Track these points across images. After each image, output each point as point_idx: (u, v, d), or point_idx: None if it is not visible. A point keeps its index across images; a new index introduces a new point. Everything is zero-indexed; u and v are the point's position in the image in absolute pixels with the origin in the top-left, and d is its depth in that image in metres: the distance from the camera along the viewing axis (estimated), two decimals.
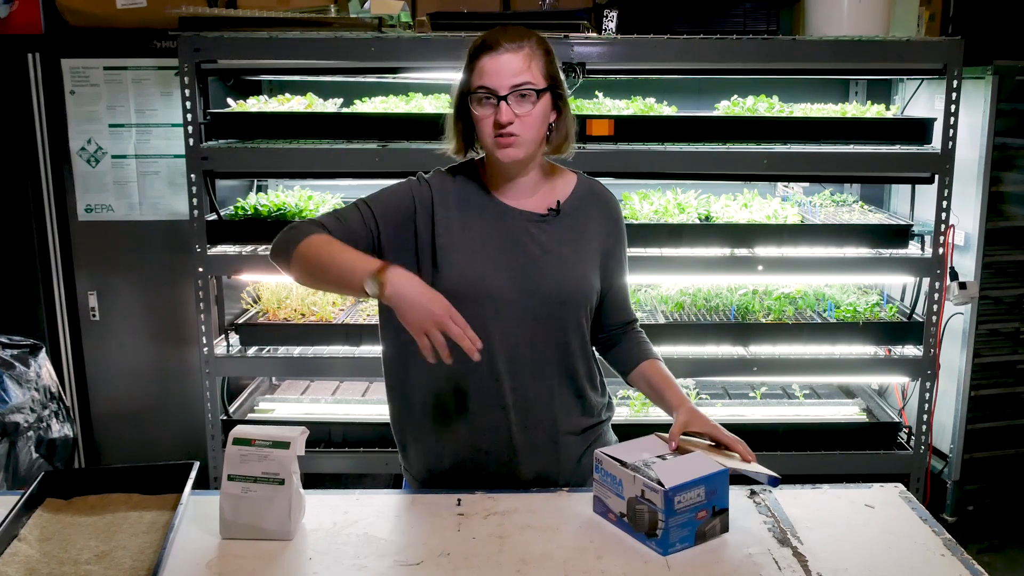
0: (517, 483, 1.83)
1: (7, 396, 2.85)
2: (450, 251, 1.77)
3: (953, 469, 3.33)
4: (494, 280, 1.77)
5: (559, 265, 1.80)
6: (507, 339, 1.78)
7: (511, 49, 1.70)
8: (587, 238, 1.85)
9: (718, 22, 3.01)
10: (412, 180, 1.86)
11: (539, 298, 1.78)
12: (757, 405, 3.29)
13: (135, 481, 1.76)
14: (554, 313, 1.80)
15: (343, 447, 3.12)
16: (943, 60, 2.87)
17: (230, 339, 3.11)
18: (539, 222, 1.82)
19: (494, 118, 1.71)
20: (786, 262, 3.00)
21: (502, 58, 1.70)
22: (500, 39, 1.71)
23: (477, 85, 1.71)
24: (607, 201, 1.91)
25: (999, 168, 3.18)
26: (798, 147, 3.00)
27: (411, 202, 1.81)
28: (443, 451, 1.86)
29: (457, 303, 1.64)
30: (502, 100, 1.70)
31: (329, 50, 2.89)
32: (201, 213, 2.96)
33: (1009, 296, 3.33)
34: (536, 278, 1.78)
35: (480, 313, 1.74)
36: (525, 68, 1.71)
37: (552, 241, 1.81)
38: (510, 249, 1.79)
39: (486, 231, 1.79)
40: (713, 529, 1.60)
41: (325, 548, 1.60)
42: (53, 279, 3.38)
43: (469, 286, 1.76)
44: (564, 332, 1.82)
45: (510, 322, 1.77)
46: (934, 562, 1.56)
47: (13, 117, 3.27)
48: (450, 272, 1.77)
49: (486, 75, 1.70)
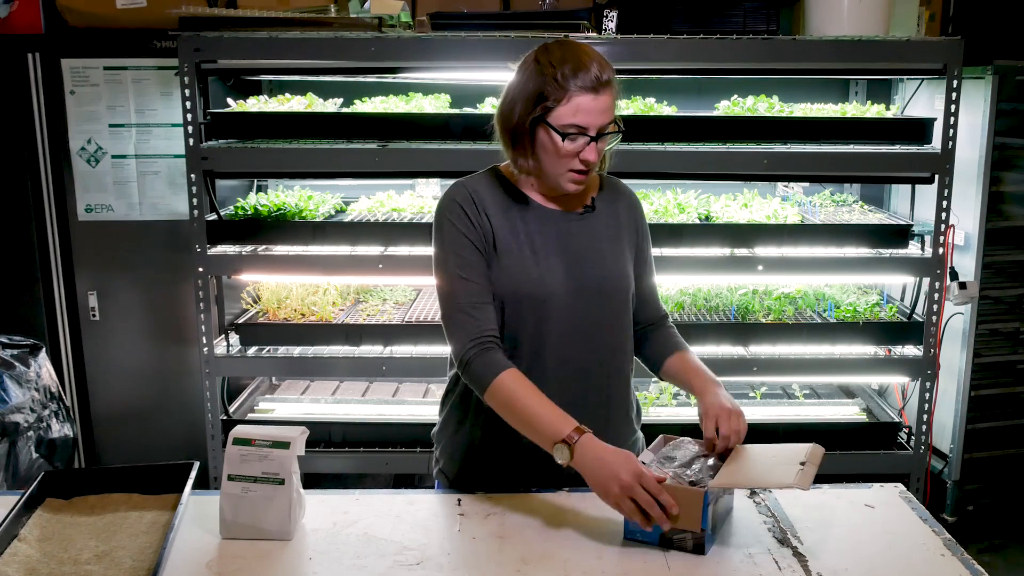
0: (563, 482, 1.80)
1: (7, 396, 2.85)
2: (505, 256, 1.77)
3: (953, 469, 3.33)
4: (548, 282, 1.77)
5: (601, 261, 1.82)
6: (558, 344, 1.78)
7: (606, 88, 1.68)
8: (620, 232, 1.87)
9: (718, 22, 3.02)
10: (454, 197, 1.80)
11: (587, 295, 1.79)
12: (757, 405, 3.29)
13: (135, 481, 1.76)
14: (601, 310, 1.81)
15: (343, 447, 3.12)
16: (943, 60, 2.87)
17: (230, 339, 3.11)
18: (578, 221, 1.83)
19: (579, 156, 1.70)
20: (786, 262, 3.00)
21: (601, 98, 1.68)
22: (595, 76, 1.67)
23: (569, 122, 1.68)
24: (630, 196, 1.94)
25: (999, 168, 3.18)
26: (798, 147, 3.00)
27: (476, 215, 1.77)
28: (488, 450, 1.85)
29: (514, 308, 1.72)
30: (593, 140, 1.69)
31: (329, 50, 2.89)
32: (201, 213, 2.96)
33: (1009, 296, 3.33)
34: (582, 275, 1.79)
35: (535, 318, 1.77)
36: (611, 105, 1.71)
37: (592, 238, 1.82)
38: (556, 250, 1.79)
39: (531, 234, 1.79)
40: (683, 541, 1.57)
41: (325, 548, 1.60)
42: (53, 279, 3.38)
43: (527, 292, 1.76)
44: (611, 331, 1.83)
45: (561, 324, 1.78)
46: (934, 562, 1.56)
47: (13, 117, 3.27)
48: (506, 277, 1.77)
49: (582, 114, 1.67)
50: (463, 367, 1.74)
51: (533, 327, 1.77)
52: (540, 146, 1.72)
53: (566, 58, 1.68)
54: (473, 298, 1.74)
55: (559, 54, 1.69)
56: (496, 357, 1.72)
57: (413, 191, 3.50)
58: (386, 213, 3.27)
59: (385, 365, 3.04)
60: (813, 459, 1.61)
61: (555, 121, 1.68)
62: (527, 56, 1.74)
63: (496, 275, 1.77)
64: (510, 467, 1.82)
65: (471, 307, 1.74)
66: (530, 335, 1.77)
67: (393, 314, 3.22)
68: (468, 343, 1.73)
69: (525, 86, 1.70)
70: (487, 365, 1.71)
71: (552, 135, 1.69)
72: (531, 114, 1.69)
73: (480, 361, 1.72)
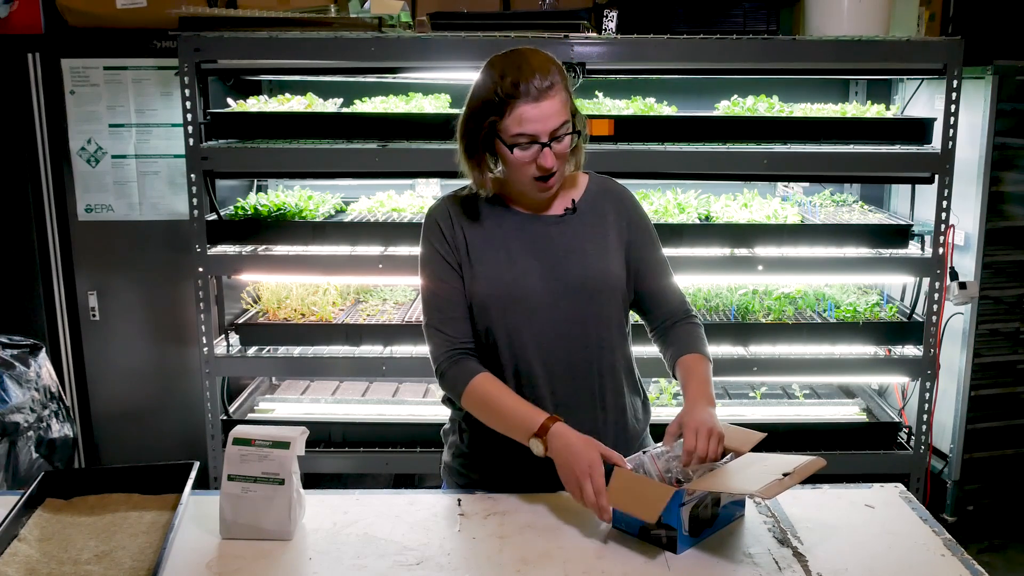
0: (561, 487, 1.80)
1: (7, 396, 2.85)
2: (480, 264, 1.79)
3: (953, 469, 3.33)
4: (523, 284, 1.78)
5: (582, 261, 1.81)
6: (542, 344, 1.79)
7: (548, 94, 1.67)
8: (605, 231, 1.86)
9: (718, 22, 3.01)
10: (433, 214, 1.86)
11: (568, 296, 1.79)
12: (757, 405, 3.29)
13: (135, 481, 1.76)
14: (585, 310, 1.81)
15: (343, 447, 3.12)
16: (943, 60, 2.87)
17: (230, 339, 3.11)
18: (558, 223, 1.83)
19: (535, 163, 1.70)
20: (786, 262, 3.00)
21: (543, 105, 1.67)
22: (536, 85, 1.66)
23: (516, 132, 1.68)
24: (619, 194, 1.92)
25: (999, 168, 3.18)
26: (798, 147, 2.99)
27: (449, 231, 1.82)
28: (485, 455, 1.87)
29: (492, 312, 1.75)
30: (545, 147, 1.69)
31: (329, 50, 2.89)
32: (201, 213, 2.96)
33: (1009, 296, 3.33)
34: (563, 276, 1.79)
35: (514, 321, 1.78)
36: (560, 108, 1.70)
37: (573, 239, 1.82)
38: (534, 252, 1.80)
39: (509, 239, 1.81)
40: (659, 537, 1.57)
41: (325, 548, 1.60)
42: (53, 279, 3.38)
43: (502, 295, 1.78)
44: (597, 329, 1.82)
45: (544, 324, 1.79)
46: (934, 562, 1.56)
47: (13, 117, 3.27)
48: (481, 283, 1.79)
49: (527, 122, 1.67)
50: (440, 379, 1.82)
51: (514, 329, 1.79)
52: (502, 158, 1.74)
53: (506, 71, 1.68)
54: (444, 313, 1.81)
55: (500, 66, 1.70)
56: (467, 364, 1.79)
57: (413, 191, 3.50)
58: (386, 213, 3.27)
59: (385, 365, 3.04)
60: (801, 471, 1.59)
61: (503, 134, 1.70)
62: (481, 68, 1.75)
63: (472, 283, 1.80)
64: (516, 467, 1.82)
65: (441, 323, 1.81)
66: (512, 337, 1.79)
67: (393, 314, 3.22)
68: (440, 356, 1.81)
69: (473, 104, 1.73)
70: (459, 373, 1.78)
71: (502, 148, 1.71)
72: (481, 132, 1.71)
73: (453, 371, 1.79)
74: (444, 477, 1.97)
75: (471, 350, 1.82)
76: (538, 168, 1.71)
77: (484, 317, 1.80)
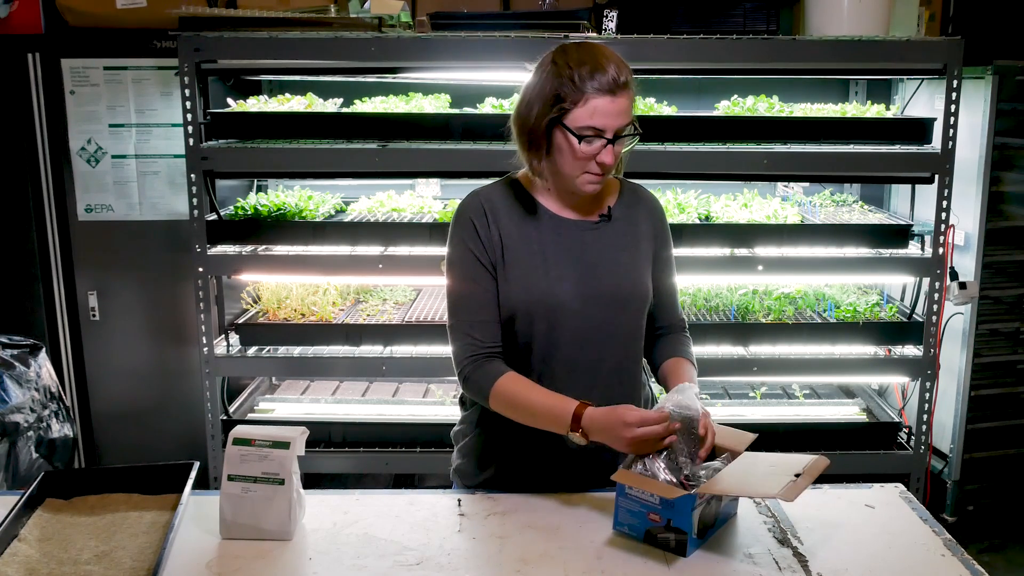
0: (574, 488, 1.81)
1: (7, 396, 2.85)
2: (514, 267, 1.77)
3: (953, 469, 3.33)
4: (557, 292, 1.77)
5: (615, 270, 1.80)
6: (570, 351, 1.78)
7: (625, 92, 1.67)
8: (638, 241, 1.85)
9: (718, 22, 3.01)
10: (467, 211, 1.81)
11: (600, 304, 1.78)
12: (757, 405, 3.29)
13: (135, 481, 1.76)
14: (614, 318, 1.80)
15: (343, 447, 3.12)
16: (943, 60, 2.87)
17: (230, 339, 3.11)
18: (592, 229, 1.82)
19: (595, 158, 1.69)
20: (786, 262, 3.00)
21: (618, 100, 1.67)
22: (613, 78, 1.65)
23: (586, 124, 1.66)
24: (652, 203, 1.92)
25: (999, 168, 3.18)
26: (798, 147, 2.99)
27: (485, 229, 1.78)
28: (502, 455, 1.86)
29: (522, 317, 1.74)
30: (610, 143, 1.68)
31: (329, 50, 2.89)
32: (201, 213, 2.96)
33: (1009, 296, 3.33)
34: (596, 285, 1.78)
35: (544, 327, 1.77)
36: (629, 106, 1.70)
37: (607, 247, 1.81)
38: (569, 260, 1.79)
39: (544, 244, 1.79)
40: (667, 540, 1.56)
41: (325, 548, 1.60)
42: (53, 279, 3.38)
43: (535, 301, 1.76)
44: (624, 339, 1.82)
45: (573, 332, 1.78)
46: (934, 562, 1.56)
47: (13, 117, 3.27)
48: (516, 287, 1.77)
49: (599, 116, 1.66)
50: (463, 382, 1.79)
51: (544, 335, 1.77)
52: (556, 148, 1.71)
53: (584, 59, 1.67)
54: (472, 315, 1.78)
55: (576, 55, 1.68)
56: (491, 366, 1.76)
57: (413, 191, 3.50)
58: (386, 213, 3.27)
59: (385, 365, 3.04)
60: (811, 471, 1.59)
61: (571, 123, 1.67)
62: (545, 56, 1.73)
63: (505, 285, 1.77)
64: (534, 465, 1.82)
65: (469, 325, 1.78)
66: (542, 342, 1.78)
67: (393, 314, 3.22)
68: (464, 360, 1.78)
69: (542, 88, 1.69)
70: (485, 375, 1.75)
71: (568, 137, 1.68)
72: (547, 116, 1.68)
73: (477, 374, 1.76)
74: (455, 479, 1.95)
75: (496, 352, 1.79)
76: (597, 164, 1.70)
77: (514, 321, 1.78)
